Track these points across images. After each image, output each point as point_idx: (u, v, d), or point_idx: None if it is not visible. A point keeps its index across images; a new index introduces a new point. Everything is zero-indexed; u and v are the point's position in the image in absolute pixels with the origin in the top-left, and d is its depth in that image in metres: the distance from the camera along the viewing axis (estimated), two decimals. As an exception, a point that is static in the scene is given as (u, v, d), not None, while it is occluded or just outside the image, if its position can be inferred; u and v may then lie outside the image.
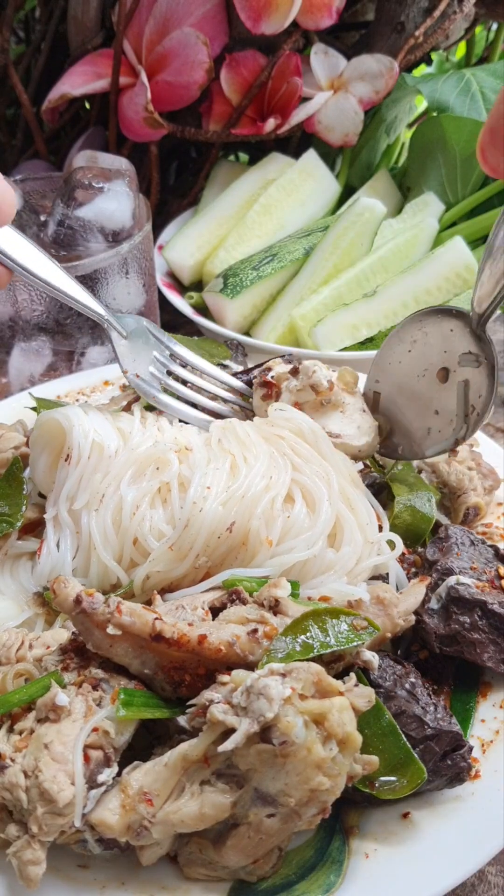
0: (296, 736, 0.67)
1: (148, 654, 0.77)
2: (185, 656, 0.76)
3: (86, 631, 0.77)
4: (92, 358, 1.46)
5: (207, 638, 0.75)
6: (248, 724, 0.67)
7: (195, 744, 0.71)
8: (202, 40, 1.64)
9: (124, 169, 1.49)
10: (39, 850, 0.69)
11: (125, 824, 0.71)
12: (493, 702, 0.90)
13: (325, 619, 0.79)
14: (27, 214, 1.43)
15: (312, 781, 0.68)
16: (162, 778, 0.71)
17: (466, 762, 0.79)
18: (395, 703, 0.80)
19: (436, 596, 0.91)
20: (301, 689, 0.69)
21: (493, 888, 0.91)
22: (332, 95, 1.79)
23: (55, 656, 0.80)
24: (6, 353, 1.42)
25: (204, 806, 0.70)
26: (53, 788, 0.68)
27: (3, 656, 0.83)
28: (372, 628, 0.80)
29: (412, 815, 0.79)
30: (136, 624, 0.75)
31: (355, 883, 0.74)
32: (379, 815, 0.80)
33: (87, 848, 0.74)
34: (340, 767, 0.70)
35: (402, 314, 1.59)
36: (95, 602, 0.76)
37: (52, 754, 0.70)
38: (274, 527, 0.93)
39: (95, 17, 1.80)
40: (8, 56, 1.80)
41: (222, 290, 1.62)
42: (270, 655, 0.75)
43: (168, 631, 0.75)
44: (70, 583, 0.78)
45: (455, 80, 1.78)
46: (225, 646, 0.75)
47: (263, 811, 0.70)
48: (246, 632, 0.77)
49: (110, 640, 0.76)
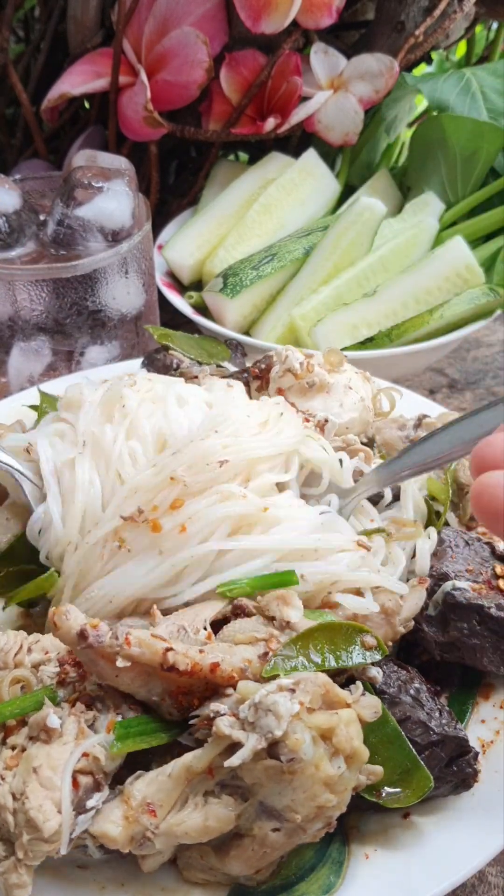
0: (304, 753, 0.66)
1: (155, 681, 0.74)
2: (195, 682, 0.74)
3: (90, 663, 0.74)
4: (91, 358, 1.46)
5: (220, 666, 0.73)
6: (255, 741, 0.66)
7: (200, 755, 0.70)
8: (202, 39, 1.64)
9: (124, 168, 1.48)
10: (25, 875, 0.68)
11: (128, 836, 0.70)
12: (493, 702, 0.90)
13: (334, 634, 0.78)
14: (26, 214, 1.43)
15: (320, 798, 0.67)
16: (165, 789, 0.70)
17: (472, 768, 0.79)
18: (400, 708, 0.80)
19: (433, 603, 0.90)
20: (309, 702, 0.68)
21: (493, 889, 0.91)
22: (332, 95, 1.78)
23: (52, 667, 0.79)
24: (5, 353, 1.42)
25: (208, 819, 0.69)
26: (39, 818, 0.67)
27: (1, 660, 0.81)
28: (380, 650, 0.79)
29: (412, 816, 0.79)
30: (145, 655, 0.72)
31: (355, 884, 0.74)
32: (379, 816, 0.79)
33: (87, 853, 0.73)
34: (347, 783, 0.69)
35: (403, 314, 1.59)
36: (101, 634, 0.72)
37: (40, 779, 0.69)
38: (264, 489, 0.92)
39: (95, 16, 1.80)
40: (7, 55, 1.79)
41: (222, 289, 1.62)
42: (276, 666, 0.74)
43: (181, 663, 0.72)
44: (71, 614, 0.74)
45: (455, 79, 1.77)
46: (237, 673, 0.73)
47: (268, 825, 0.69)
48: (257, 655, 0.75)
49: (117, 672, 0.73)
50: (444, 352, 1.67)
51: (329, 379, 1.10)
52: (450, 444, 0.86)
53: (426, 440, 0.89)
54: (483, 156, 1.70)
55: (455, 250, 1.61)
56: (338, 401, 1.08)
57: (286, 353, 1.10)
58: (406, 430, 1.15)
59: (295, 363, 1.08)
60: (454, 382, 1.81)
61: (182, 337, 1.31)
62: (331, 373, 1.11)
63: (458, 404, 1.73)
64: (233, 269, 1.66)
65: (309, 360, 1.11)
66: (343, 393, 1.10)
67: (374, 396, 1.16)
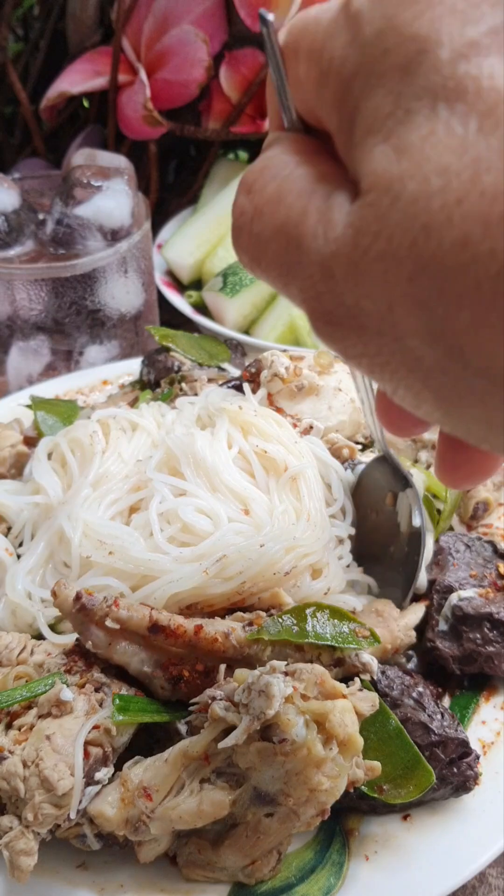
0: (295, 735, 0.66)
1: (146, 652, 0.78)
2: (184, 652, 0.77)
3: (84, 630, 0.78)
4: (90, 357, 1.45)
5: (204, 628, 0.77)
6: (248, 722, 0.67)
7: (196, 740, 0.71)
8: (201, 38, 1.63)
9: (123, 167, 1.48)
10: (32, 841, 0.69)
11: (123, 818, 0.71)
12: (494, 703, 0.90)
13: (327, 613, 0.80)
14: (25, 213, 1.43)
15: (311, 781, 0.68)
16: (162, 774, 0.72)
17: (473, 770, 0.78)
18: (402, 710, 0.80)
19: (442, 617, 0.89)
20: (304, 690, 0.69)
21: (494, 890, 0.91)
22: (331, 93, 1.78)
23: (58, 659, 0.81)
24: (4, 353, 1.42)
25: (203, 803, 0.70)
26: (54, 776, 0.69)
27: (5, 658, 0.82)
28: (373, 638, 0.80)
29: (413, 818, 0.79)
30: (133, 618, 0.76)
31: (355, 885, 0.74)
32: (379, 818, 0.79)
33: (86, 843, 0.74)
34: (340, 769, 0.69)
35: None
36: (94, 599, 0.77)
37: (53, 745, 0.71)
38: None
39: (94, 14, 1.80)
40: (6, 54, 1.79)
41: (222, 288, 1.62)
42: (262, 630, 0.76)
43: (164, 619, 0.76)
44: (71, 584, 0.79)
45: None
46: (221, 636, 0.76)
47: (262, 810, 0.70)
48: (242, 626, 0.78)
49: (109, 637, 0.77)
50: (445, 351, 1.67)
51: (319, 381, 1.09)
52: None
53: None
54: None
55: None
56: (327, 404, 1.08)
57: (272, 358, 1.09)
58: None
59: (280, 368, 1.07)
60: (454, 382, 1.80)
61: (183, 337, 1.31)
62: (321, 375, 1.11)
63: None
64: (232, 268, 1.65)
65: (297, 363, 1.10)
66: (332, 395, 1.09)
67: None
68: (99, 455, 0.98)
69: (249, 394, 1.07)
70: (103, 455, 0.99)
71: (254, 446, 0.97)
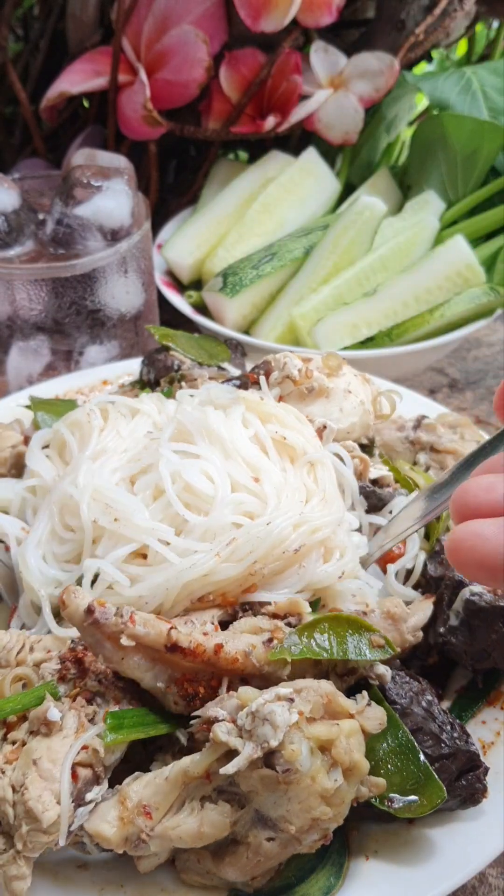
0: (300, 764, 0.65)
1: (160, 667, 0.74)
2: (199, 667, 0.74)
3: (96, 643, 0.74)
4: (90, 357, 1.45)
5: (224, 647, 0.73)
6: (251, 749, 0.66)
7: (197, 761, 0.69)
8: (201, 38, 1.63)
9: (123, 167, 1.48)
10: (24, 867, 0.69)
11: (122, 836, 0.70)
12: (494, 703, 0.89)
13: (343, 627, 0.78)
14: (25, 213, 1.43)
15: (315, 811, 0.67)
16: (162, 792, 0.70)
17: (482, 783, 0.77)
18: (412, 719, 0.79)
19: (454, 612, 0.88)
20: (309, 712, 0.68)
21: (493, 890, 0.91)
22: (332, 93, 1.78)
23: (53, 664, 0.79)
24: (4, 353, 1.42)
25: (203, 824, 0.69)
26: (38, 808, 0.67)
27: (3, 658, 0.81)
28: (388, 648, 0.79)
29: (413, 819, 0.79)
30: (150, 634, 0.72)
31: (355, 885, 0.74)
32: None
33: (85, 850, 0.74)
34: (345, 796, 0.68)
35: (403, 313, 1.59)
36: (107, 612, 0.73)
37: (39, 771, 0.69)
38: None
39: (94, 14, 1.80)
40: (6, 54, 1.79)
41: (222, 289, 1.62)
42: (282, 650, 0.74)
43: (184, 641, 0.72)
44: (80, 592, 0.74)
45: (456, 78, 1.77)
46: (241, 656, 0.73)
47: (263, 834, 0.69)
48: (262, 641, 0.75)
49: (122, 652, 0.73)
50: (445, 351, 1.67)
51: (328, 383, 1.08)
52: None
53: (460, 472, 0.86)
54: (483, 154, 1.70)
55: (455, 249, 1.61)
56: (337, 406, 1.07)
57: (284, 360, 1.08)
58: (405, 430, 1.14)
59: (293, 370, 1.06)
60: (455, 382, 1.81)
61: (183, 337, 1.31)
62: (330, 377, 1.10)
63: (458, 404, 1.73)
64: (232, 268, 1.65)
65: (307, 364, 1.10)
66: (342, 397, 1.08)
67: (374, 399, 1.15)
68: (97, 432, 0.98)
69: (266, 387, 1.06)
70: (101, 433, 0.98)
71: (272, 432, 0.96)
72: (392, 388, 1.23)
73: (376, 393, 1.16)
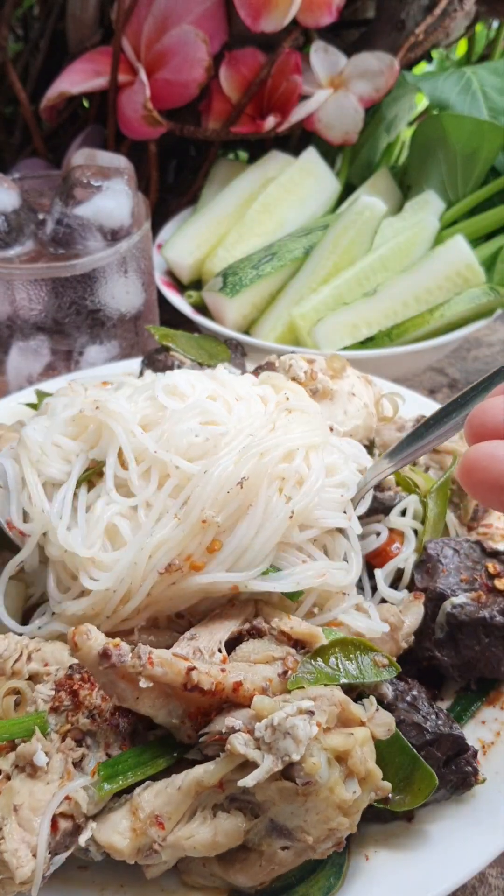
0: (320, 776, 0.65)
1: (174, 703, 0.73)
2: (214, 701, 0.73)
3: (110, 685, 0.72)
4: (90, 357, 1.45)
5: (243, 685, 0.72)
6: (271, 762, 0.65)
7: (212, 771, 0.69)
8: (201, 38, 1.63)
9: (123, 167, 1.48)
10: None
11: (135, 848, 0.70)
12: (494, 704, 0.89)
13: (350, 649, 0.79)
14: (25, 213, 1.43)
15: (332, 822, 0.67)
16: (174, 801, 0.70)
17: (472, 766, 0.78)
18: (396, 714, 0.79)
19: (438, 626, 0.88)
20: (325, 722, 0.68)
21: (494, 890, 0.91)
22: (332, 93, 1.78)
23: (48, 688, 0.77)
24: (4, 353, 1.42)
25: (217, 834, 0.68)
26: (13, 862, 0.66)
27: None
28: (392, 668, 0.79)
29: (413, 818, 0.79)
30: (168, 674, 0.71)
31: (355, 885, 0.74)
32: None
33: (88, 855, 0.73)
34: (360, 805, 0.69)
35: (403, 313, 1.59)
36: (123, 654, 0.70)
37: (19, 819, 0.68)
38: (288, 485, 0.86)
39: (94, 14, 1.80)
40: (6, 54, 1.79)
41: (222, 288, 1.62)
42: (298, 679, 0.74)
43: (205, 682, 0.71)
44: (92, 633, 0.71)
45: (456, 78, 1.77)
46: (260, 692, 0.73)
47: (278, 843, 0.69)
48: (277, 674, 0.75)
49: (137, 693, 0.72)
50: (445, 351, 1.67)
51: (333, 386, 1.08)
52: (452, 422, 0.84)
53: (432, 426, 0.87)
54: (483, 154, 1.70)
55: (455, 249, 1.61)
56: (342, 408, 1.06)
57: (290, 362, 1.08)
58: (405, 431, 1.14)
59: (299, 371, 1.06)
60: (455, 382, 1.81)
61: (183, 337, 1.31)
62: (333, 379, 1.09)
63: (458, 404, 1.73)
64: (232, 268, 1.65)
65: (312, 366, 1.09)
66: (347, 400, 1.08)
67: (376, 401, 1.14)
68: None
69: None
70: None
71: (283, 398, 0.97)
72: (394, 390, 1.23)
73: (379, 395, 1.15)
